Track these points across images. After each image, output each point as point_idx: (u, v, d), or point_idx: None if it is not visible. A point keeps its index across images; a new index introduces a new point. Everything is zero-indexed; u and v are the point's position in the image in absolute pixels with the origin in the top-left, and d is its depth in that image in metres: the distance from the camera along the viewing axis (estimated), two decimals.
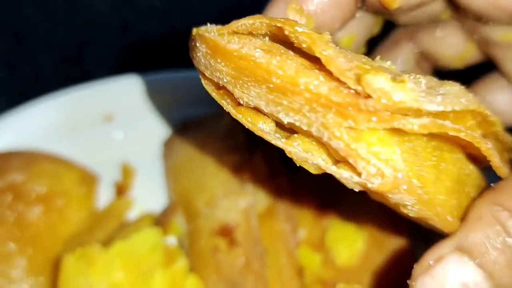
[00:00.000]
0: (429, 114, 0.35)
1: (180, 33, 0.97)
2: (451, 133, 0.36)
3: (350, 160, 0.35)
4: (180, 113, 0.76)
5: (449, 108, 0.35)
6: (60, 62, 0.94)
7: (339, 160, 0.37)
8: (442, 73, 0.54)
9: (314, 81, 0.35)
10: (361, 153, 0.35)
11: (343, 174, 0.36)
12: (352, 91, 0.34)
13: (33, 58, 0.94)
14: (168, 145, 0.75)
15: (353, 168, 0.36)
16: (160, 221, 0.69)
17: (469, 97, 0.37)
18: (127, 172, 0.74)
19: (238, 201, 0.65)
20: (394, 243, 0.62)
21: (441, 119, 0.36)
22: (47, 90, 0.75)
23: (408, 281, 0.37)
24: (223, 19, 0.41)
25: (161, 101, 0.76)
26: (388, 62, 0.39)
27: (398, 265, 0.57)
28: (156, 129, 0.77)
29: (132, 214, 0.72)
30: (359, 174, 0.36)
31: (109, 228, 0.68)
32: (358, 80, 0.34)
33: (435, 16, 0.51)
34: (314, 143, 0.38)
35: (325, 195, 0.66)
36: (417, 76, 0.37)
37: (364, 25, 0.50)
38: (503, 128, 0.42)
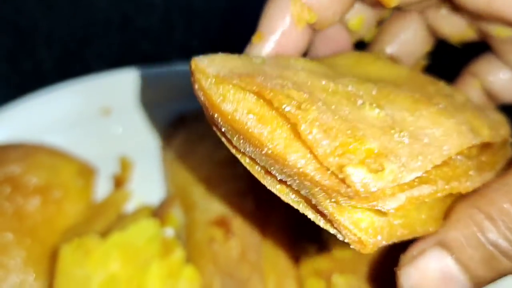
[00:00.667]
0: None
1: (179, 30, 0.98)
2: (427, 200, 0.39)
3: (335, 225, 0.38)
4: (178, 106, 0.76)
5: (429, 167, 0.37)
6: (60, 58, 0.94)
7: None
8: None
9: (301, 160, 0.37)
10: (344, 223, 0.38)
11: (330, 231, 0.39)
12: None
13: (34, 54, 0.94)
14: (166, 138, 0.75)
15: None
16: (158, 213, 0.70)
17: (454, 136, 0.39)
18: (125, 165, 0.74)
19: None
20: None
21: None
22: (47, 85, 0.75)
23: (394, 268, 0.41)
24: (223, 17, 0.41)
25: (159, 94, 0.76)
26: (377, 110, 0.39)
27: (393, 255, 0.57)
28: (154, 123, 0.77)
29: (130, 206, 0.72)
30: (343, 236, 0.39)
31: (106, 220, 0.68)
32: (340, 168, 0.36)
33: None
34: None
35: None
36: (401, 133, 0.38)
37: (373, 8, 0.52)
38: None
